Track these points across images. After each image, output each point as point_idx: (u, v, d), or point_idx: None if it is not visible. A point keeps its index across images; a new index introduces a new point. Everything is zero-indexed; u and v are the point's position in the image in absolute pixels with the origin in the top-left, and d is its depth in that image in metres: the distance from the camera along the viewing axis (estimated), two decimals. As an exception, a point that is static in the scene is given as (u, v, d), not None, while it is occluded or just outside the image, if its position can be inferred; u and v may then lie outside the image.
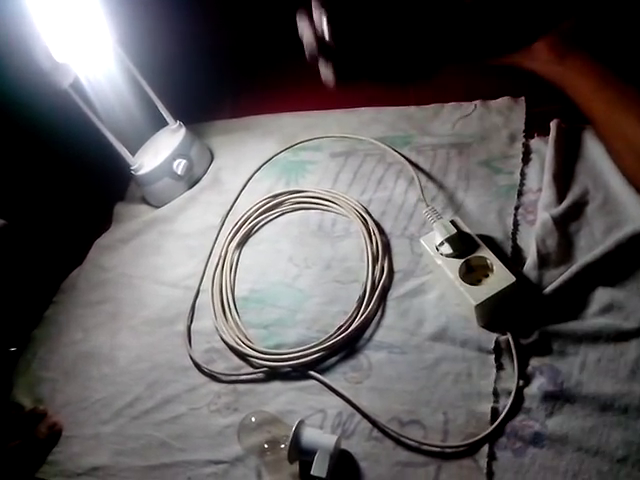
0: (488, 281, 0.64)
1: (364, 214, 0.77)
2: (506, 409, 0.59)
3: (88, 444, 0.70)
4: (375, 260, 0.73)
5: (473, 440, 0.58)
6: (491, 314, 0.64)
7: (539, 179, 0.73)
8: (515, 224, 0.71)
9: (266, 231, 0.83)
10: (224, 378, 0.70)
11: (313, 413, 0.65)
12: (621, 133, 0.67)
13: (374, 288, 0.71)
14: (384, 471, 0.60)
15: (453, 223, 0.68)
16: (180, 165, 0.88)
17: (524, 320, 0.63)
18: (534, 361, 0.61)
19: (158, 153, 0.89)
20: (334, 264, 0.75)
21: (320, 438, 0.61)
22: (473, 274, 0.66)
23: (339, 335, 0.68)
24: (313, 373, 0.67)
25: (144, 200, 0.92)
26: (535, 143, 0.77)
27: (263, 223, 0.83)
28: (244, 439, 0.63)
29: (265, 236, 0.82)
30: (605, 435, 0.56)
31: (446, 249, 0.67)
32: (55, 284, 0.87)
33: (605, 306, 0.62)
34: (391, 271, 0.73)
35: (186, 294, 0.79)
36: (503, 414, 0.59)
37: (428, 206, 0.71)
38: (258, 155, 0.90)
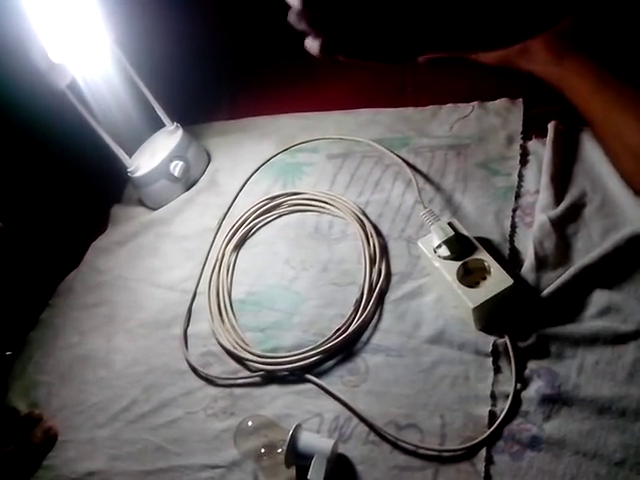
0: (486, 283, 0.64)
1: (361, 216, 0.77)
2: (504, 412, 0.59)
3: (84, 448, 0.70)
4: (372, 262, 0.73)
5: (471, 444, 0.58)
6: (489, 317, 0.64)
7: (537, 181, 0.73)
8: (513, 226, 0.71)
9: (263, 233, 0.82)
10: (221, 382, 0.70)
11: (310, 417, 0.64)
12: (619, 135, 0.67)
13: (371, 291, 0.71)
14: (381, 475, 0.59)
15: (451, 225, 0.68)
16: (177, 167, 0.88)
17: (522, 323, 0.63)
18: (532, 364, 0.61)
19: (155, 155, 0.88)
20: (331, 266, 0.75)
21: (317, 442, 0.60)
22: (471, 276, 0.66)
23: (336, 338, 0.68)
24: (310, 377, 0.67)
25: (141, 202, 0.92)
26: (533, 145, 0.77)
27: (260, 225, 0.83)
28: (241, 443, 0.63)
29: (262, 238, 0.82)
30: (603, 438, 0.56)
31: (444, 251, 0.67)
32: (51, 287, 0.86)
33: (603, 309, 0.62)
34: (388, 274, 0.72)
35: (182, 297, 0.78)
36: (501, 417, 0.59)
37: (425, 208, 0.71)
38: (255, 157, 0.90)
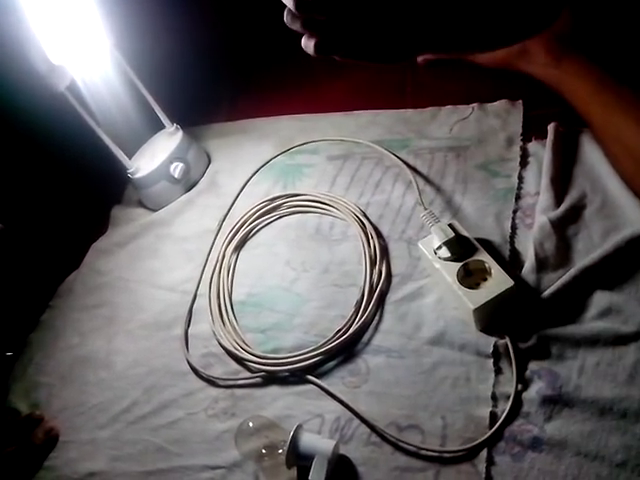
0: (486, 285, 0.64)
1: (362, 217, 0.77)
2: (505, 413, 0.59)
3: (85, 449, 0.70)
4: (373, 264, 0.73)
5: (472, 445, 0.58)
6: (489, 318, 0.64)
7: (537, 182, 0.73)
8: (513, 227, 0.71)
9: (263, 235, 0.82)
10: (221, 383, 0.70)
11: (311, 418, 0.64)
12: (618, 136, 0.67)
13: (372, 292, 0.71)
14: (382, 476, 0.59)
15: (451, 226, 0.68)
16: (177, 168, 0.88)
17: (522, 324, 0.63)
18: (532, 365, 0.61)
19: (155, 156, 0.88)
20: (332, 268, 0.75)
21: (318, 443, 0.60)
22: (471, 278, 0.66)
23: (337, 339, 0.68)
24: (311, 378, 0.67)
25: (141, 203, 0.92)
26: (533, 146, 0.77)
27: (260, 227, 0.83)
28: (242, 444, 0.63)
29: (262, 240, 0.82)
30: (604, 439, 0.56)
31: (444, 253, 0.67)
32: (52, 288, 0.86)
33: (603, 310, 0.62)
34: (389, 275, 0.72)
35: (183, 298, 0.78)
36: (502, 418, 0.59)
37: (426, 209, 0.71)
38: (255, 158, 0.90)
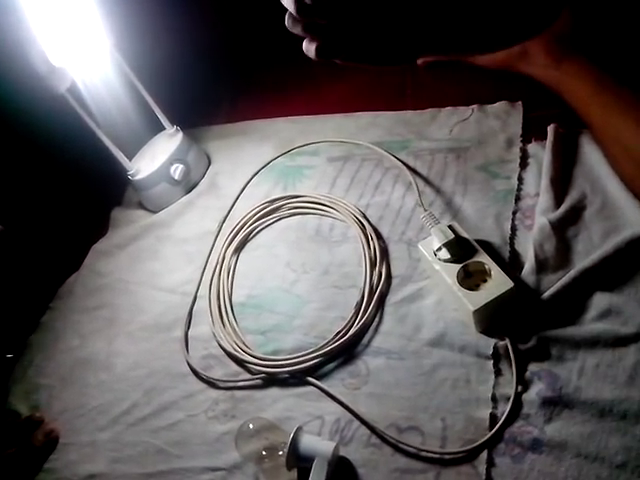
0: (486, 286, 0.64)
1: (362, 219, 0.77)
2: (505, 415, 0.59)
3: (85, 451, 0.70)
4: (373, 265, 0.73)
5: (472, 446, 0.58)
6: (489, 319, 0.64)
7: (537, 184, 0.73)
8: (513, 229, 0.71)
9: (263, 236, 0.82)
10: (222, 384, 0.70)
11: (311, 420, 0.64)
12: (618, 137, 0.67)
13: (372, 293, 0.71)
14: (382, 478, 0.59)
15: (451, 228, 0.68)
16: (177, 170, 0.88)
17: (522, 325, 0.63)
18: (532, 366, 0.61)
19: (155, 158, 0.89)
20: (332, 269, 0.75)
21: (318, 445, 0.60)
22: (471, 279, 0.66)
23: (337, 341, 0.68)
24: (311, 379, 0.67)
25: (141, 205, 0.92)
26: (532, 148, 0.77)
27: (260, 228, 0.83)
28: (242, 446, 0.63)
29: (262, 241, 0.82)
30: (604, 441, 0.56)
31: (444, 254, 0.67)
32: (52, 290, 0.86)
33: (603, 311, 0.62)
34: (389, 276, 0.72)
35: (183, 300, 0.78)
36: (502, 420, 0.59)
37: (426, 211, 0.71)
38: (255, 160, 0.90)
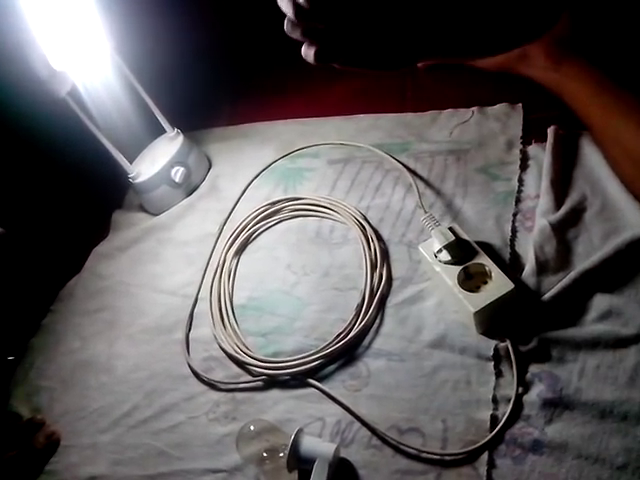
0: (487, 288, 0.64)
1: (362, 221, 0.77)
2: (505, 416, 0.59)
3: (86, 454, 0.70)
4: (373, 267, 0.73)
5: (472, 448, 0.58)
6: (490, 321, 0.64)
7: (537, 185, 0.73)
8: (513, 231, 0.71)
9: (264, 238, 0.82)
10: (223, 386, 0.70)
11: (312, 421, 0.64)
12: (618, 139, 0.67)
13: (372, 295, 0.71)
14: (383, 479, 0.59)
15: (451, 230, 0.68)
16: (178, 173, 0.88)
17: (523, 327, 0.63)
18: (533, 368, 0.61)
19: (156, 161, 0.89)
20: (332, 271, 0.75)
21: (319, 446, 0.60)
22: (472, 281, 0.66)
23: (338, 343, 0.68)
24: (312, 381, 0.67)
25: (142, 208, 0.92)
26: (533, 149, 0.77)
27: (261, 230, 0.83)
28: (243, 448, 0.63)
29: (263, 243, 0.82)
30: (605, 442, 0.56)
31: (444, 256, 0.67)
32: (53, 292, 0.87)
33: (604, 312, 0.62)
34: (389, 278, 0.72)
35: (184, 302, 0.79)
36: (502, 421, 0.59)
37: (426, 213, 0.71)
38: (256, 162, 0.90)
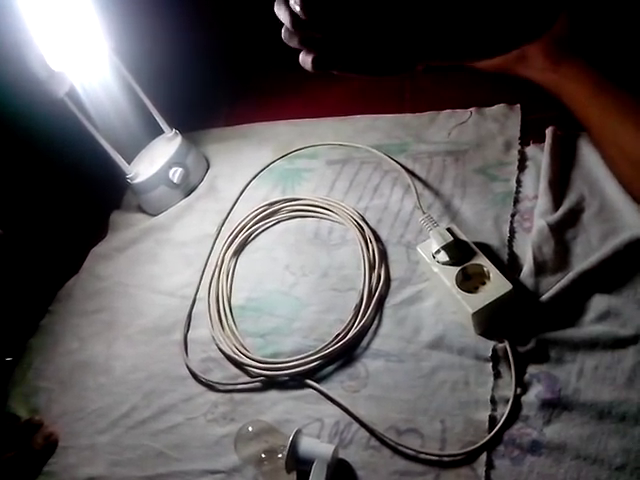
0: (485, 289, 0.64)
1: (360, 222, 0.77)
2: (504, 417, 0.59)
3: (84, 455, 0.70)
4: (372, 268, 0.73)
5: (471, 448, 0.58)
6: (488, 322, 0.64)
7: (535, 186, 0.73)
8: (511, 231, 0.71)
9: (262, 239, 0.82)
10: (221, 387, 0.70)
11: (310, 422, 0.64)
12: (616, 141, 0.67)
13: (371, 296, 0.71)
14: (382, 480, 0.60)
15: (449, 231, 0.68)
16: (176, 173, 0.88)
17: (521, 327, 0.63)
18: (531, 369, 0.61)
19: (154, 161, 0.89)
20: (331, 272, 0.75)
21: (317, 447, 0.60)
22: (470, 282, 0.66)
23: (336, 343, 0.68)
24: (310, 382, 0.67)
25: (140, 208, 0.92)
26: (531, 150, 0.77)
27: (259, 231, 0.83)
28: (241, 449, 0.63)
29: (261, 244, 0.82)
30: (603, 443, 0.56)
31: (442, 257, 0.67)
32: (51, 293, 0.86)
33: (602, 313, 0.62)
34: (388, 279, 0.72)
35: (182, 303, 0.78)
36: (501, 422, 0.59)
37: (424, 214, 0.71)
38: (254, 163, 0.90)
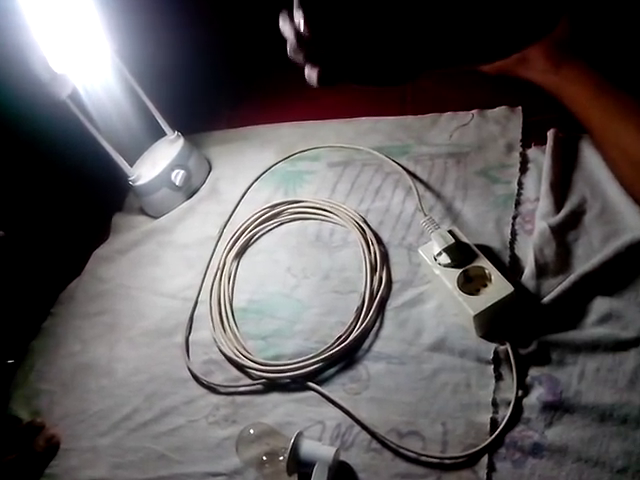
0: (486, 291, 0.64)
1: (362, 224, 0.77)
2: (505, 419, 0.59)
3: (86, 457, 0.70)
4: (373, 270, 0.73)
5: (472, 451, 0.58)
6: (490, 324, 0.64)
7: (536, 188, 0.73)
8: (513, 233, 0.71)
9: (264, 241, 0.82)
10: (222, 390, 0.70)
11: (312, 425, 0.64)
12: (617, 142, 0.67)
13: (372, 298, 0.71)
14: (383, 483, 0.60)
15: (451, 233, 0.68)
16: (178, 175, 0.88)
17: (523, 330, 0.63)
18: (533, 371, 0.61)
19: (156, 164, 0.89)
20: (332, 274, 0.75)
21: (319, 450, 0.60)
22: (471, 284, 0.66)
23: (338, 346, 0.68)
24: (312, 384, 0.67)
25: (142, 211, 0.92)
26: (532, 152, 0.77)
27: (261, 233, 0.83)
28: (243, 451, 0.63)
29: (263, 246, 0.82)
30: (605, 445, 0.56)
31: (444, 259, 0.67)
32: (53, 295, 0.87)
33: (603, 316, 0.62)
34: (389, 281, 0.72)
35: (184, 305, 0.79)
36: (502, 425, 0.59)
37: (426, 216, 0.71)
38: (256, 165, 0.90)
